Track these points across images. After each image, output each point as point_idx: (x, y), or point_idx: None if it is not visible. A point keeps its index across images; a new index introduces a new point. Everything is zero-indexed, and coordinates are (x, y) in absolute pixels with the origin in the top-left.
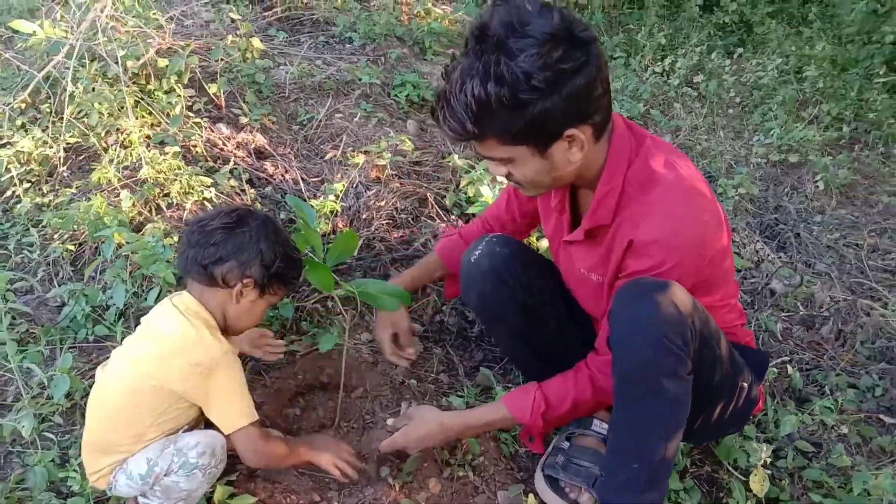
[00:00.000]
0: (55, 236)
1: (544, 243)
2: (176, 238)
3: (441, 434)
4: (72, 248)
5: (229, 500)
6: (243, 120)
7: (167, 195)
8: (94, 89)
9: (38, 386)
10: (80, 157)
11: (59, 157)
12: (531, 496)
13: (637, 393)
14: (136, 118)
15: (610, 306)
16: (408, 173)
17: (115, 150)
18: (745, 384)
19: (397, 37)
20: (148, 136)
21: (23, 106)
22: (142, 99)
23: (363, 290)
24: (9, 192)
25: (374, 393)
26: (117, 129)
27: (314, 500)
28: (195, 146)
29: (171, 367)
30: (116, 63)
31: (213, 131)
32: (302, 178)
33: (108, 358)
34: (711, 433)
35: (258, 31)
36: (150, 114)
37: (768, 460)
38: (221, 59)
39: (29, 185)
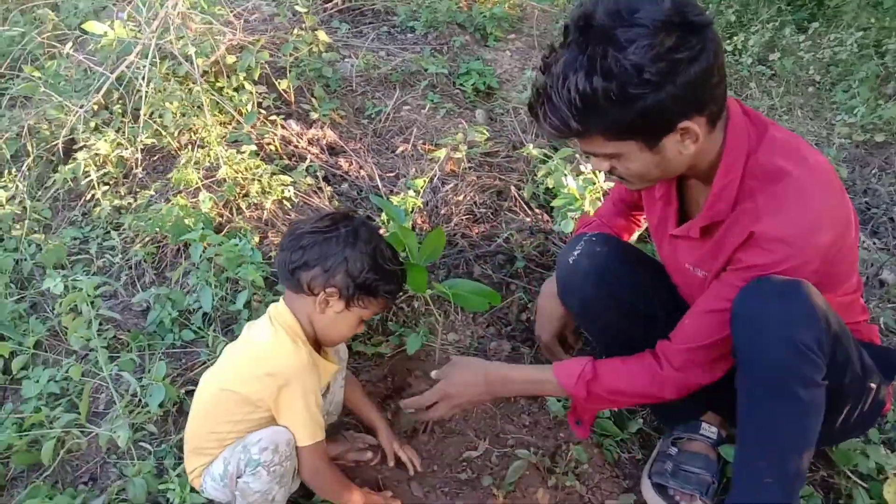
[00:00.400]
0: (136, 239)
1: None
2: (257, 239)
3: (482, 382)
4: (153, 250)
5: None
6: (313, 115)
7: (246, 195)
8: (165, 89)
9: (129, 394)
10: (155, 158)
11: (136, 159)
12: None
13: (769, 402)
14: (214, 116)
15: (702, 298)
16: (481, 165)
17: (192, 150)
18: (874, 385)
19: (458, 24)
20: (221, 135)
21: (95, 108)
22: (212, 97)
23: (455, 290)
24: (88, 196)
25: None
26: (190, 129)
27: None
28: (269, 144)
29: (250, 375)
30: (188, 61)
31: (285, 128)
32: (377, 174)
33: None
34: (836, 437)
35: (321, 23)
36: (222, 112)
37: None
38: (291, 54)
39: (106, 187)
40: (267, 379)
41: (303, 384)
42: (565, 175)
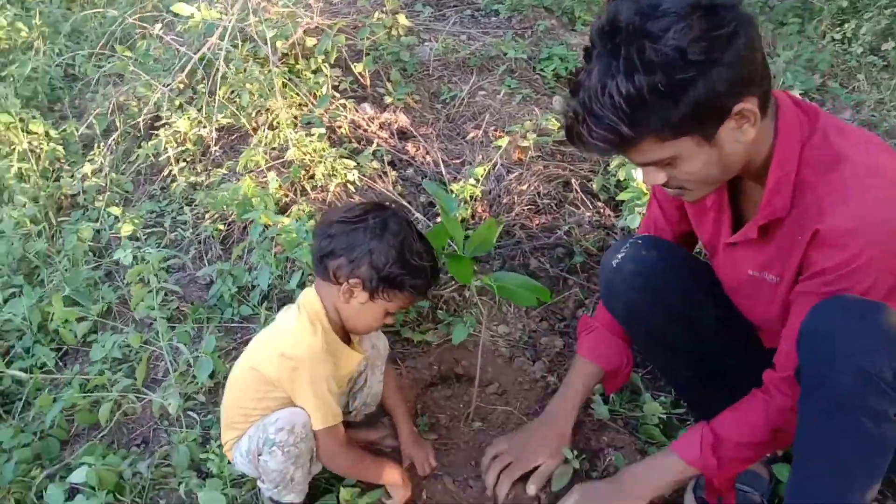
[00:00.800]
0: (206, 215)
1: None
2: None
3: (612, 494)
4: (221, 227)
5: (359, 498)
6: (387, 99)
7: (312, 177)
8: (245, 70)
9: (184, 364)
10: (233, 137)
11: (212, 138)
12: None
13: (831, 434)
14: (285, 99)
15: (791, 319)
16: (552, 154)
17: (264, 131)
18: None
19: (545, 7)
20: (295, 117)
21: (181, 87)
22: (290, 79)
23: (501, 283)
24: (166, 171)
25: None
26: (267, 110)
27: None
28: (340, 127)
29: (269, 355)
30: (267, 43)
31: (357, 111)
32: (442, 160)
33: None
34: None
35: (404, 6)
36: (299, 94)
37: None
38: (368, 38)
39: (184, 164)
40: (282, 360)
41: (312, 370)
42: (635, 168)
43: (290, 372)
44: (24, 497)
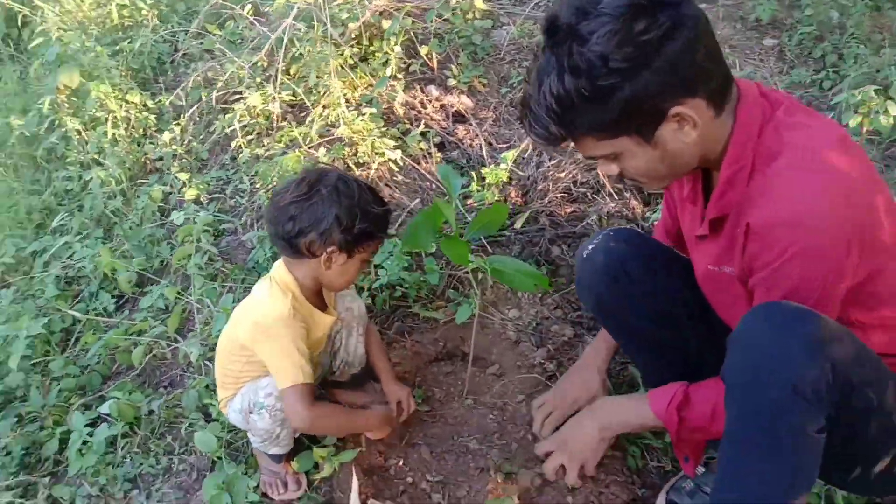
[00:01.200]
0: (259, 185)
1: None
2: None
3: (587, 417)
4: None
5: (334, 456)
6: (451, 82)
7: (355, 154)
8: (310, 50)
9: (209, 317)
10: (302, 114)
11: (277, 114)
12: None
13: (748, 445)
14: (351, 79)
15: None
16: None
17: (320, 108)
18: None
19: None
20: (360, 96)
21: (264, 65)
22: (360, 60)
23: (497, 266)
24: (234, 144)
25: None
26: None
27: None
28: (394, 108)
29: (244, 323)
30: (342, 24)
31: (423, 92)
32: (489, 143)
33: None
34: (881, 488)
35: None
36: (371, 74)
37: None
38: (434, 21)
39: (252, 136)
40: (255, 327)
41: (279, 333)
42: None
43: (260, 336)
44: (62, 419)
